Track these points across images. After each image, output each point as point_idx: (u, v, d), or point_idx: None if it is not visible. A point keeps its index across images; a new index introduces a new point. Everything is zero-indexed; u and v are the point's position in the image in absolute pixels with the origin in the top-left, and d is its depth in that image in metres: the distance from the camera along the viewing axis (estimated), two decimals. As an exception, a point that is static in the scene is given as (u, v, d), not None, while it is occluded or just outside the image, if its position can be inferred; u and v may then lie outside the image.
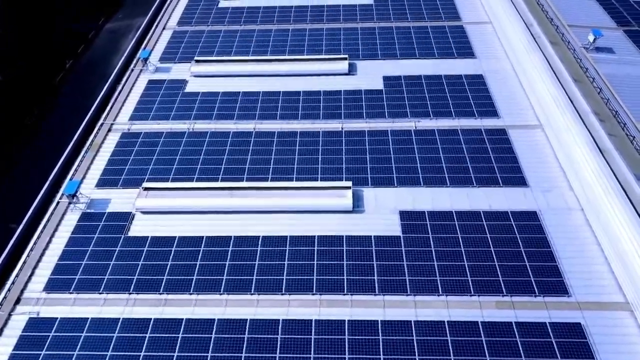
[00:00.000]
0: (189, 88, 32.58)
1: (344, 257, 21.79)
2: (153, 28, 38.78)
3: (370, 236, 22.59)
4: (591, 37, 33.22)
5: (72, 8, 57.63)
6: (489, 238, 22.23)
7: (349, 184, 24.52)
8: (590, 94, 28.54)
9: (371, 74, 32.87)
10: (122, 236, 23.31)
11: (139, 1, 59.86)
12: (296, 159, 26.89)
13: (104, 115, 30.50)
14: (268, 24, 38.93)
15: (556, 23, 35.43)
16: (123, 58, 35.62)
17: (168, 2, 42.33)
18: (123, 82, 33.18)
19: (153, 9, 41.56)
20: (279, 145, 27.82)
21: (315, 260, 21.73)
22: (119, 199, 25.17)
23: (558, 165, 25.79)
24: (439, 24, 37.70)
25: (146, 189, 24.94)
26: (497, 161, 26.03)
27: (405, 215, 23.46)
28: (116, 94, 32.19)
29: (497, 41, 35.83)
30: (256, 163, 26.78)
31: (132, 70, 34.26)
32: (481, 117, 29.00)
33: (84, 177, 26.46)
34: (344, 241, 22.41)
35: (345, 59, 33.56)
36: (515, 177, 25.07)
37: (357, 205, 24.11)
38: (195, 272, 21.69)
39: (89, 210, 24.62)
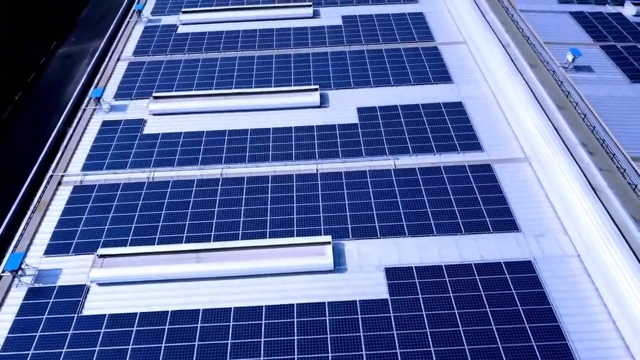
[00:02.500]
0: (147, 129, 29.86)
1: (327, 329, 19.60)
2: (106, 60, 35.81)
3: (355, 301, 20.47)
4: (570, 57, 31.96)
5: (20, 32, 53.85)
6: (483, 296, 20.38)
7: (328, 238, 22.35)
8: (575, 122, 27.09)
9: (344, 106, 30.78)
10: (76, 316, 20.58)
11: (92, 22, 56.51)
12: (269, 209, 24.57)
13: (53, 166, 27.54)
14: (232, 50, 36.45)
15: (532, 42, 34.05)
16: (73, 98, 32.59)
17: (122, 29, 39.37)
18: (74, 125, 30.22)
19: (106, 37, 38.55)
20: (249, 194, 25.45)
21: (296, 335, 19.48)
22: (72, 269, 22.39)
23: (549, 205, 24.20)
24: (412, 45, 35.90)
25: (102, 256, 22.23)
26: (485, 202, 24.28)
27: (391, 273, 21.43)
28: (66, 139, 29.23)
29: (473, 62, 34.26)
30: (224, 216, 24.35)
31: (84, 110, 31.30)
32: (464, 151, 27.25)
33: (30, 244, 23.54)
34: (327, 309, 20.22)
35: (316, 89, 31.39)
36: (505, 221, 23.35)
37: (339, 263, 21.97)
38: (161, 357, 19.16)
39: (36, 285, 21.78)
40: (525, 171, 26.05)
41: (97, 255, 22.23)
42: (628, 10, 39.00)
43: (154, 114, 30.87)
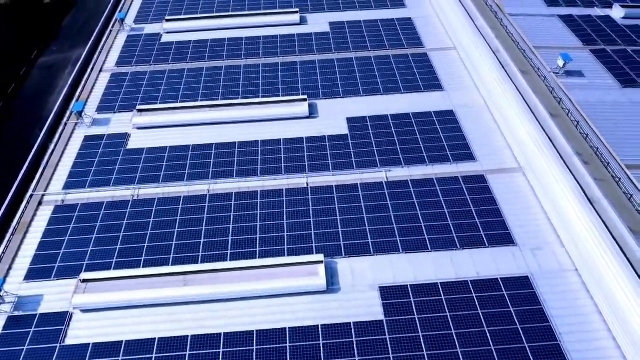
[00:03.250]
0: (131, 144, 28.95)
1: (322, 354, 18.90)
2: (88, 72, 34.80)
3: (350, 323, 19.81)
4: (560, 62, 31.58)
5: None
6: (480, 315, 19.83)
7: (321, 257, 21.66)
8: (568, 130, 26.69)
9: (334, 116, 30.12)
10: (58, 345, 19.68)
11: (75, 30, 55.29)
12: (258, 227, 23.83)
13: (33, 185, 26.54)
14: (218, 59, 35.62)
15: (522, 47, 33.66)
16: (54, 112, 31.55)
17: (105, 38, 38.37)
18: (55, 141, 29.23)
19: (88, 48, 37.50)
20: (238, 210, 24.68)
21: (289, 361, 18.78)
22: (53, 295, 21.47)
23: (545, 216, 23.74)
24: (401, 52, 35.35)
25: (85, 280, 21.34)
26: (480, 215, 23.76)
27: (386, 293, 20.79)
28: (47, 156, 28.24)
29: (463, 69, 33.79)
30: (212, 235, 23.56)
31: (66, 125, 30.30)
32: (457, 161, 26.71)
33: (9, 269, 22.56)
34: (320, 333, 19.54)
35: (304, 100, 30.68)
36: (501, 235, 22.84)
37: (332, 283, 21.30)
38: (148, 388, 18.38)
39: (16, 313, 20.82)
40: (520, 182, 25.58)
41: (80, 280, 21.33)
42: (616, 13, 38.79)
43: (138, 128, 29.97)
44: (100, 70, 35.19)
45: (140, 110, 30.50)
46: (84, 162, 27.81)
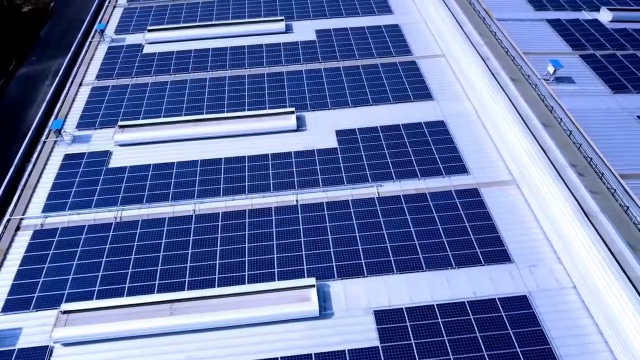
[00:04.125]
0: (113, 162, 27.92)
1: (316, 385, 18.18)
2: (68, 86, 33.62)
3: (344, 351, 19.06)
4: (551, 69, 31.17)
5: (-24, 53, 51.02)
6: (479, 338, 19.20)
7: (312, 281, 20.89)
8: (562, 140, 26.19)
9: (323, 129, 29.36)
10: (38, 383, 18.69)
11: (55, 38, 53.88)
12: (246, 249, 22.98)
13: (10, 209, 25.40)
14: (202, 71, 34.67)
15: (512, 53, 33.20)
16: (32, 129, 30.39)
17: (84, 50, 37.19)
18: (33, 160, 28.09)
19: (67, 61, 36.32)
20: (225, 232, 23.81)
21: (281, 394, 17.99)
22: (33, 328, 20.41)
23: (541, 231, 23.21)
24: (389, 60, 34.70)
25: (65, 312, 20.34)
26: (474, 231, 23.15)
27: (381, 316, 20.08)
28: (25, 177, 27.09)
29: (453, 77, 33.23)
30: (199, 259, 22.67)
31: (44, 143, 29.17)
32: (449, 174, 26.11)
33: (-15, 301, 21.49)
34: (314, 362, 18.79)
35: (292, 112, 29.88)
36: (497, 252, 22.26)
37: (325, 308, 20.53)
38: None
39: (-7, 349, 19.78)
40: (514, 195, 25.04)
41: (61, 311, 20.32)
42: (604, 16, 38.53)
43: (120, 145, 28.95)
44: (80, 84, 34.05)
45: (122, 126, 29.46)
46: (63, 182, 26.73)
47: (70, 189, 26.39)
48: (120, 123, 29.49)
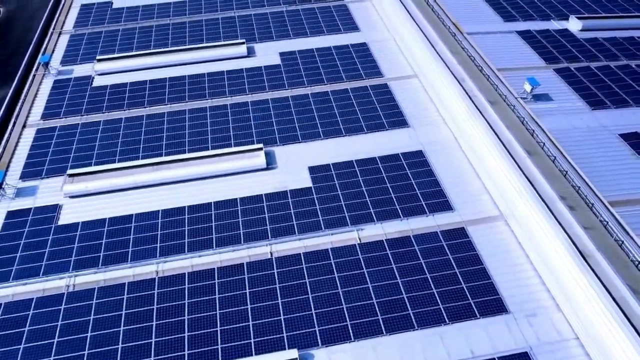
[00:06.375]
0: (64, 217, 25.03)
1: None
2: (9, 128, 30.31)
3: None
4: (528, 87, 29.87)
5: None
6: (482, 408, 17.48)
7: (295, 353, 18.73)
8: (547, 169, 24.76)
9: (294, 166, 27.20)
10: None
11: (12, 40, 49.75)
12: (217, 317, 20.60)
13: (-56, 283, 22.28)
14: (159, 104, 31.92)
15: (486, 72, 31.77)
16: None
17: (27, 86, 33.84)
18: (-30, 221, 24.90)
19: (8, 98, 32.93)
20: (192, 296, 21.37)
21: None
22: None
23: (536, 274, 21.69)
24: (359, 84, 32.79)
25: (11, 413, 17.59)
26: (466, 279, 21.44)
27: (372, 390, 18.12)
28: (-39, 243, 23.90)
29: (428, 100, 31.58)
30: (164, 332, 20.17)
31: (-17, 200, 25.99)
32: (433, 212, 24.37)
33: None
34: None
35: (260, 149, 27.61)
36: (491, 301, 20.59)
37: (309, 384, 18.45)
38: None
39: None
40: (503, 232, 23.48)
41: (5, 413, 17.58)
42: (574, 25, 37.65)
43: (71, 197, 26.08)
44: (24, 126, 30.87)
45: (71, 175, 26.59)
46: (6, 246, 23.72)
47: (14, 254, 23.41)
48: (69, 171, 26.62)
